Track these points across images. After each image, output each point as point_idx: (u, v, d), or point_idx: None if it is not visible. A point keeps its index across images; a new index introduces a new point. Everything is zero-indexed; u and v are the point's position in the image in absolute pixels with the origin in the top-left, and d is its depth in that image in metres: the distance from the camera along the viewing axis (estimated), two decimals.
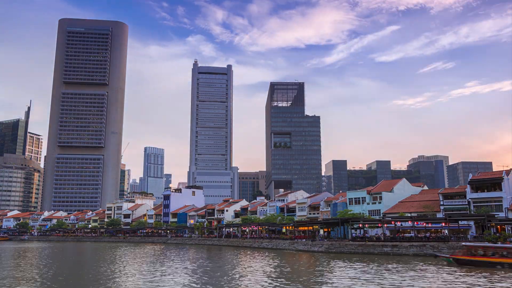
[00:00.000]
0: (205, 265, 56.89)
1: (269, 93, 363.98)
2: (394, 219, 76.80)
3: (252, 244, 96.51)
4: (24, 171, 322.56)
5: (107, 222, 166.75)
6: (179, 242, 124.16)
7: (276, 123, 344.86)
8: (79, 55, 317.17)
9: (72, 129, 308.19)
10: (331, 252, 72.23)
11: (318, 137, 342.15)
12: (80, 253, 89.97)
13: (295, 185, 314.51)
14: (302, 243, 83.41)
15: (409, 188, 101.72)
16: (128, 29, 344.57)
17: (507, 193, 75.40)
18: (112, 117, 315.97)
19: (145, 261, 63.45)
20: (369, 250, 68.05)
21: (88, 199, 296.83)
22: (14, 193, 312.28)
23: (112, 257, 72.85)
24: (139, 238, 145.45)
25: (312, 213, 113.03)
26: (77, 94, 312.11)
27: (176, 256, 72.22)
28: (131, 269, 51.29)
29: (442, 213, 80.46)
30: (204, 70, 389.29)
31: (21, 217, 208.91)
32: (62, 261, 68.60)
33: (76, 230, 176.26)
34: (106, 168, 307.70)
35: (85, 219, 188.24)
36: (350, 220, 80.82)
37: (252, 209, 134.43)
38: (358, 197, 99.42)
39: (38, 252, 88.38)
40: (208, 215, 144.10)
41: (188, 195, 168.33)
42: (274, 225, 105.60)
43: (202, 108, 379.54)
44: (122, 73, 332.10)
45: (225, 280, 40.68)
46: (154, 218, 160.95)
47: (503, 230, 67.79)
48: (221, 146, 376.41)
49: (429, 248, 62.55)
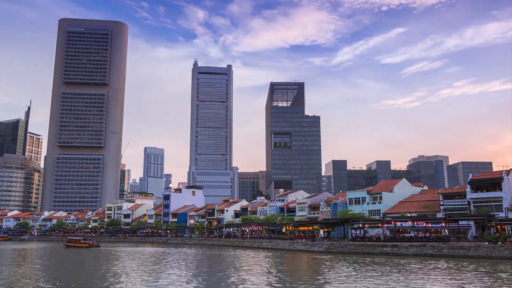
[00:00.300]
0: (205, 265, 56.85)
1: (269, 93, 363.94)
2: (394, 219, 76.81)
3: (252, 244, 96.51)
4: (24, 171, 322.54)
5: (107, 222, 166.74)
6: (179, 242, 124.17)
7: (276, 123, 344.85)
8: (79, 55, 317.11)
9: (72, 129, 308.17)
10: (331, 252, 72.23)
11: (318, 137, 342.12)
12: (80, 253, 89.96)
13: (295, 185, 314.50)
14: (302, 243, 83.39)
15: (409, 188, 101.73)
16: (128, 29, 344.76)
17: (507, 193, 75.39)
18: (112, 117, 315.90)
19: (145, 261, 63.42)
20: (369, 250, 68.03)
21: (88, 199, 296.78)
22: (14, 193, 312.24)
23: (112, 257, 72.82)
24: (139, 238, 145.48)
25: (312, 213, 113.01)
26: (77, 94, 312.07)
27: (175, 256, 72.19)
28: (131, 270, 51.27)
29: (442, 213, 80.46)
30: (204, 70, 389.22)
31: (21, 217, 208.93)
32: (61, 262, 68.56)
33: (76, 230, 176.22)
34: (106, 168, 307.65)
35: (85, 219, 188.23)
36: (350, 220, 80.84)
37: (252, 209, 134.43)
38: (358, 197, 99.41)
39: (38, 253, 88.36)
40: (208, 215, 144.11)
41: (188, 195, 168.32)
42: (274, 225, 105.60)
43: (202, 108, 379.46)
44: (122, 73, 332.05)
45: (225, 280, 40.65)
46: (154, 218, 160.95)
47: (503, 230, 67.77)
48: (221, 146, 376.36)
49: (429, 248, 62.55)
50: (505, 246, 56.11)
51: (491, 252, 56.17)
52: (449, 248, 60.41)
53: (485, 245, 58.44)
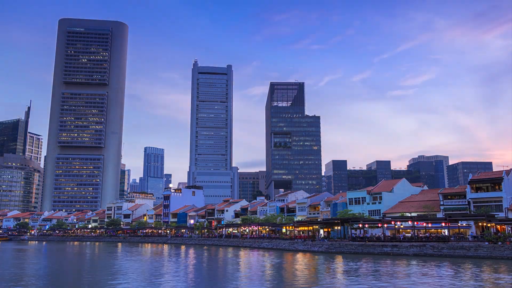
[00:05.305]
0: (205, 265, 56.82)
1: (269, 93, 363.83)
2: (394, 219, 76.73)
3: (252, 244, 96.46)
4: (24, 171, 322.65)
5: (107, 222, 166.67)
6: (179, 242, 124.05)
7: (276, 123, 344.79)
8: (79, 55, 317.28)
9: (72, 129, 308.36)
10: (331, 252, 72.18)
11: (318, 137, 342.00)
12: (79, 253, 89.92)
13: (295, 185, 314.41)
14: (302, 243, 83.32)
15: (409, 188, 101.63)
16: (128, 29, 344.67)
17: (507, 193, 75.33)
18: (112, 117, 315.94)
19: (145, 261, 63.42)
20: (369, 250, 67.99)
21: (88, 199, 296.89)
22: (14, 193, 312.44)
23: (112, 258, 72.80)
24: (139, 238, 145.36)
25: (312, 213, 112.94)
26: (77, 94, 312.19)
27: (175, 257, 72.16)
28: (131, 270, 51.26)
29: (442, 213, 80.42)
30: (204, 70, 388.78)
31: (21, 217, 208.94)
32: (61, 262, 68.53)
33: (76, 230, 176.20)
34: (106, 168, 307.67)
35: (85, 219, 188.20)
36: (350, 220, 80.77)
37: (252, 209, 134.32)
38: (358, 197, 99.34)
39: (37, 255, 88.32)
40: (208, 215, 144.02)
41: (188, 195, 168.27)
42: (274, 225, 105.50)
43: (202, 108, 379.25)
44: (122, 73, 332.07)
45: (225, 281, 40.63)
46: (154, 218, 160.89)
47: (503, 230, 67.72)
48: (221, 146, 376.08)
49: (429, 248, 62.52)
50: (505, 246, 56.10)
51: (491, 252, 56.16)
52: (449, 248, 60.37)
53: (485, 245, 58.44)
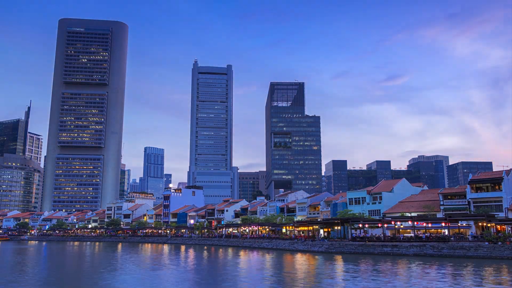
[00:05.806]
0: (205, 265, 56.81)
1: (269, 93, 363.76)
2: (394, 219, 76.73)
3: (252, 244, 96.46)
4: (24, 171, 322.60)
5: (107, 222, 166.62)
6: (179, 242, 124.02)
7: (276, 123, 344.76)
8: (79, 55, 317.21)
9: (72, 129, 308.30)
10: (331, 252, 72.19)
11: (318, 137, 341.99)
12: (80, 254, 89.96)
13: (295, 185, 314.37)
14: (302, 243, 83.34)
15: (409, 188, 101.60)
16: (128, 29, 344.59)
17: (507, 193, 75.32)
18: (112, 117, 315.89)
19: (145, 261, 63.42)
20: (369, 250, 68.00)
21: (88, 199, 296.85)
22: (14, 193, 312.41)
23: (112, 258, 72.81)
24: (139, 238, 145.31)
25: (312, 213, 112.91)
26: (77, 94, 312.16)
27: (175, 257, 72.18)
28: (131, 271, 51.26)
29: (442, 213, 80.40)
30: (204, 70, 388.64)
31: (21, 217, 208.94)
32: (61, 263, 68.53)
33: (76, 230, 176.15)
34: (106, 168, 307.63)
35: (85, 219, 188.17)
36: (350, 220, 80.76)
37: (252, 209, 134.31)
38: (358, 197, 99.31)
39: (37, 255, 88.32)
40: (208, 215, 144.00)
41: (188, 195, 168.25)
42: (274, 225, 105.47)
43: (202, 108, 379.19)
44: (122, 73, 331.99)
45: (225, 281, 40.64)
46: (154, 218, 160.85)
47: (503, 230, 67.70)
48: (221, 146, 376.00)
49: (429, 248, 62.53)
50: (505, 246, 56.10)
51: (491, 252, 56.17)
52: (449, 248, 60.38)
53: (485, 245, 58.44)
